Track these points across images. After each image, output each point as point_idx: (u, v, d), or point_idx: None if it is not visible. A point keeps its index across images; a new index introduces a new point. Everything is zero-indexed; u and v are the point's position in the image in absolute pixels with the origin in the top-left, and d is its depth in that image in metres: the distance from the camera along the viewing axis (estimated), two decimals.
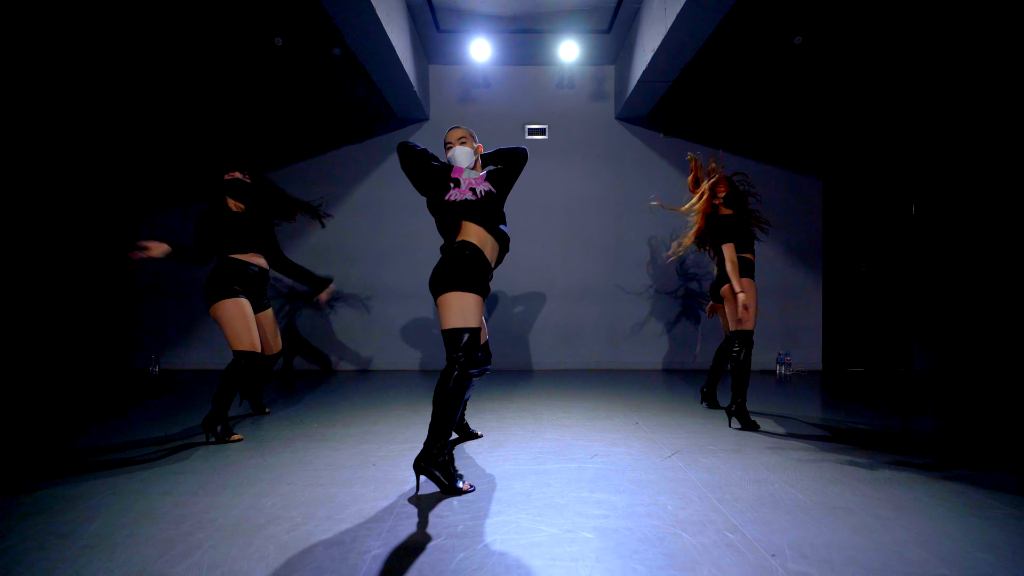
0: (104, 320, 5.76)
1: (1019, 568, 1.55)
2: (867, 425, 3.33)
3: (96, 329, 5.74)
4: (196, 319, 5.74)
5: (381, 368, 5.67)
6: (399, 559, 1.58)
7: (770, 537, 1.75)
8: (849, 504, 2.02)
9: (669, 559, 1.59)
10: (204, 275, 3.14)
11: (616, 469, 2.45)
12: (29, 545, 1.66)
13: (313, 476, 2.33)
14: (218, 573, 1.48)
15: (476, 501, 2.06)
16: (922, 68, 4.92)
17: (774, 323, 5.70)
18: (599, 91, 5.75)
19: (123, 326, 5.77)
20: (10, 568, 1.51)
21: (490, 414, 3.58)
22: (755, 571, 1.53)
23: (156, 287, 5.75)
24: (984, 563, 1.58)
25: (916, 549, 1.67)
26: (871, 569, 1.54)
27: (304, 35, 4.47)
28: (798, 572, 1.53)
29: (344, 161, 5.77)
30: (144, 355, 5.74)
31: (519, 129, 5.76)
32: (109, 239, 5.73)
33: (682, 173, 5.79)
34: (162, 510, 1.93)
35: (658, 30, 4.04)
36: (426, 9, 4.66)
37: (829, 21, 4.25)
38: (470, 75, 5.67)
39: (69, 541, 1.69)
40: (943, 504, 2.03)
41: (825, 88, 5.39)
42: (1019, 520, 1.88)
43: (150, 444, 2.85)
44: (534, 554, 1.61)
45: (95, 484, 2.21)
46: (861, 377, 5.39)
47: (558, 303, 5.72)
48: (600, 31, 5.04)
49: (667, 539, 1.73)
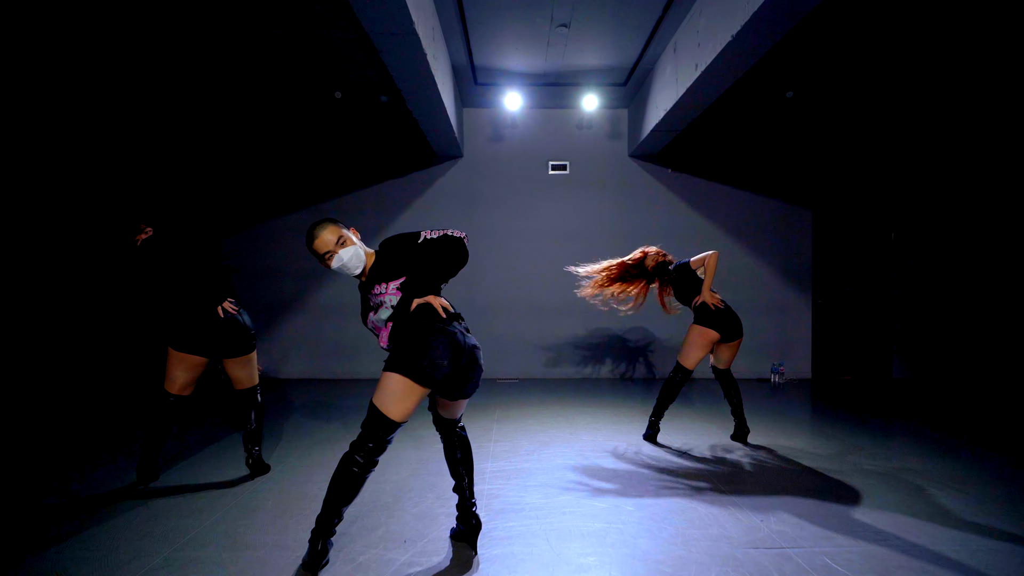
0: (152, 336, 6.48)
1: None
2: (848, 427, 4.08)
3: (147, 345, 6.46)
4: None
5: None
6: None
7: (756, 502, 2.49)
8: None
9: (684, 516, 2.34)
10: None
11: (641, 461, 3.19)
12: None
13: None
14: None
15: (550, 484, 2.80)
16: (898, 116, 5.65)
17: (769, 336, 6.45)
18: (614, 132, 6.48)
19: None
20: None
21: (532, 419, 4.31)
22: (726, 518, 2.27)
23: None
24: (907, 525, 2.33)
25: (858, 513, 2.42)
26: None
27: (359, 87, 5.17)
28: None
29: (386, 194, 6.49)
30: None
31: (543, 165, 6.49)
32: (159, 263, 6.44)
33: (687, 204, 6.53)
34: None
35: (671, 94, 4.77)
36: (468, 67, 5.39)
37: (816, 79, 4.98)
38: (499, 117, 6.41)
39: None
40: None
41: (813, 132, 6.13)
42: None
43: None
44: (596, 519, 2.36)
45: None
46: (846, 385, 6.13)
47: (578, 319, 6.45)
48: (617, 84, 5.78)
49: (686, 509, 2.47)
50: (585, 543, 2.18)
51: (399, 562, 2.04)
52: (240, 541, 2.21)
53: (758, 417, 4.30)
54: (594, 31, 4.62)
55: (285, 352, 6.45)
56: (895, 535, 2.24)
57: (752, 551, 2.11)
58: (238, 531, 2.30)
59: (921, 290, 6.57)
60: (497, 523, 2.37)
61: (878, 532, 2.27)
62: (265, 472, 3.02)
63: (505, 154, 6.46)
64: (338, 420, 4.32)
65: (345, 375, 6.37)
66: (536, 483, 2.87)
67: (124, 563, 2.03)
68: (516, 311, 6.44)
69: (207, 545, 2.17)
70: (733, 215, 6.53)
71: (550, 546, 2.16)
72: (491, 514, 2.46)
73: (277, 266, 6.45)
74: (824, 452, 3.43)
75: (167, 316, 2.79)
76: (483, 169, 6.49)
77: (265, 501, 2.65)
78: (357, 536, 2.25)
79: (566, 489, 2.78)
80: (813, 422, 4.30)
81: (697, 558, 2.05)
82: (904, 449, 3.54)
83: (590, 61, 5.25)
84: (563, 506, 2.55)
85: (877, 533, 2.26)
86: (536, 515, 2.46)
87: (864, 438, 3.79)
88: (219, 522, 2.40)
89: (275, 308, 6.44)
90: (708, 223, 6.51)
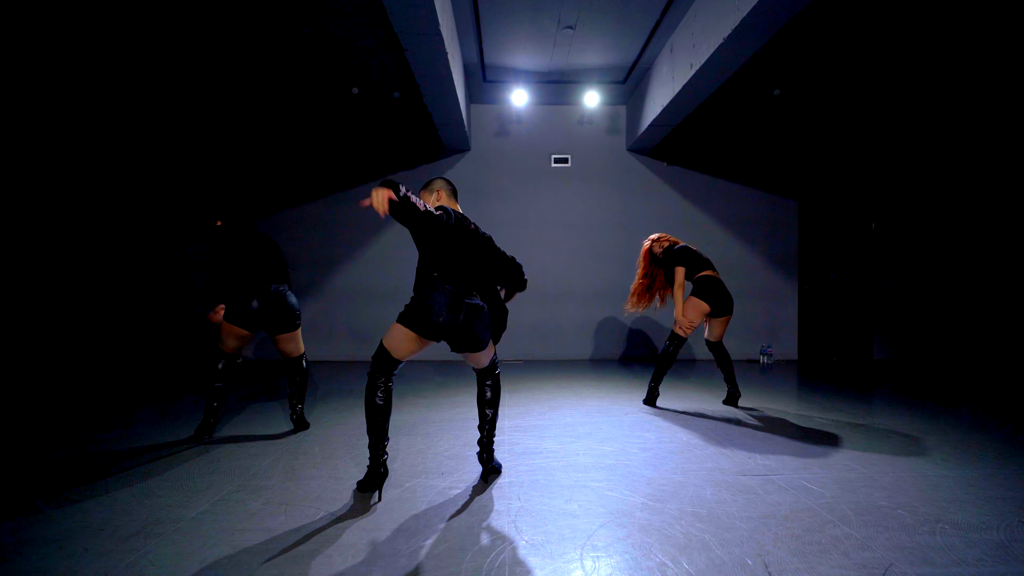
0: (169, 319, 6.77)
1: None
2: (829, 395, 4.47)
3: (163, 327, 6.75)
4: None
5: (425, 359, 6.73)
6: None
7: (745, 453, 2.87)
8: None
9: (680, 456, 2.71)
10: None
11: (640, 421, 3.56)
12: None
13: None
14: None
15: (564, 435, 3.16)
16: (878, 112, 6.06)
17: (758, 320, 6.85)
18: (613, 127, 6.85)
19: (195, 324, 6.76)
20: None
21: (540, 391, 4.67)
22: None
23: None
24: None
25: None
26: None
27: (375, 84, 5.49)
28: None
29: None
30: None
31: (546, 158, 6.85)
32: (172, 249, 6.73)
33: (680, 195, 6.92)
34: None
35: (667, 91, 5.14)
36: (478, 65, 5.73)
37: (801, 78, 5.36)
38: (505, 113, 6.75)
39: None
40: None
41: (799, 128, 6.53)
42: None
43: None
44: (606, 458, 2.72)
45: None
46: (831, 365, 6.54)
47: (577, 304, 6.81)
48: (616, 82, 6.14)
49: (684, 451, 2.84)
50: (598, 473, 2.54)
51: (440, 487, 2.38)
52: (299, 475, 2.55)
53: (749, 390, 4.68)
54: (597, 32, 4.98)
55: (302, 335, 6.75)
56: (863, 467, 2.62)
57: (741, 477, 2.47)
58: (295, 468, 2.64)
59: (900, 276, 6.99)
60: (520, 461, 2.72)
61: (848, 465, 2.65)
62: (305, 428, 3.36)
63: (510, 148, 6.81)
64: (359, 394, 4.65)
65: (359, 357, 6.69)
66: (550, 434, 3.22)
67: (201, 490, 2.36)
68: (519, 296, 6.77)
69: (271, 478, 2.51)
70: (724, 206, 6.92)
71: (568, 475, 2.51)
72: (514, 455, 2.82)
73: (292, 254, 6.73)
74: (807, 413, 3.82)
75: (227, 293, 3.14)
76: (489, 162, 6.84)
77: (312, 447, 2.99)
78: (400, 471, 2.60)
79: (577, 438, 3.14)
80: (798, 393, 4.69)
81: (694, 482, 2.42)
82: (876, 409, 3.93)
83: (592, 60, 5.61)
84: (576, 450, 2.91)
85: (847, 466, 2.64)
86: (554, 456, 2.82)
87: (842, 402, 4.19)
88: (276, 461, 2.74)
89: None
90: (701, 214, 6.90)
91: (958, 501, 2.20)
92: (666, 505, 2.16)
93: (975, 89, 5.28)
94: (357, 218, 6.79)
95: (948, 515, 2.06)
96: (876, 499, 2.22)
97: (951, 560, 1.72)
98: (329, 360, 6.67)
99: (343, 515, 2.08)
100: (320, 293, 6.80)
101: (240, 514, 2.10)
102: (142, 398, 4.37)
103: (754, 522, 2.00)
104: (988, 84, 5.15)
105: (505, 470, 2.59)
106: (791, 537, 1.88)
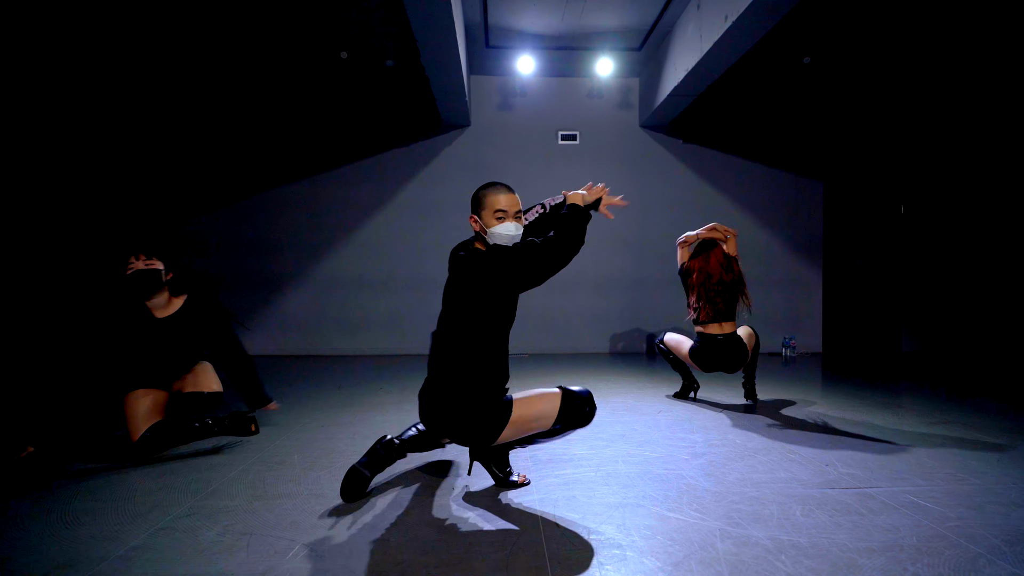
0: None
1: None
2: (862, 397, 3.99)
3: None
4: (251, 307, 6.17)
5: (423, 353, 6.19)
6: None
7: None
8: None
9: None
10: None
11: (679, 420, 3.05)
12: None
13: None
14: None
15: (594, 438, 2.64)
16: (912, 87, 5.58)
17: (780, 310, 6.37)
18: (625, 101, 6.33)
19: None
20: None
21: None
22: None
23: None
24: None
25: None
26: None
27: (368, 48, 4.93)
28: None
29: (389, 164, 6.26)
30: None
31: (553, 135, 6.32)
32: (156, 235, 6.14)
33: (697, 176, 6.42)
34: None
35: (693, 53, 4.62)
36: (480, 26, 5.18)
37: (835, 45, 4.88)
38: (508, 85, 6.21)
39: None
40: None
41: (827, 102, 6.04)
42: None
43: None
44: (653, 465, 2.21)
45: None
46: (857, 358, 6.07)
47: (587, 293, 6.30)
48: (632, 48, 5.62)
49: (744, 456, 2.33)
50: (647, 486, 2.03)
51: (457, 511, 1.86)
52: (270, 492, 2.01)
53: (774, 385, 4.19)
54: None
55: (286, 327, 6.18)
56: (973, 477, 2.12)
57: (829, 491, 1.97)
58: (266, 483, 2.10)
59: (931, 263, 6.54)
60: (547, 472, 2.20)
61: (952, 474, 2.15)
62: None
63: (514, 123, 6.26)
64: (349, 389, 4.11)
65: (348, 351, 6.14)
66: (576, 437, 2.70)
67: (141, 515, 1.81)
68: None
69: (234, 496, 1.97)
70: (744, 187, 6.43)
71: (612, 491, 1.99)
72: (538, 464, 2.29)
73: (277, 239, 6.18)
74: (855, 411, 3.32)
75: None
76: (491, 138, 6.29)
77: (290, 455, 2.45)
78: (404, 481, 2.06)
79: (610, 441, 2.63)
80: (833, 387, 4.20)
81: (774, 499, 1.91)
82: (931, 406, 3.45)
83: (607, 21, 5.08)
84: (613, 457, 2.39)
85: (951, 475, 2.14)
86: (587, 464, 2.30)
87: (884, 397, 3.70)
88: (243, 474, 2.20)
89: (275, 282, 6.18)
90: (719, 195, 6.40)
91: None
92: (750, 532, 1.65)
93: (1015, 67, 4.81)
94: (346, 200, 6.23)
95: None
96: (1018, 521, 1.72)
97: None
98: (315, 355, 6.10)
99: (325, 550, 1.55)
100: (305, 282, 6.22)
101: (187, 549, 1.57)
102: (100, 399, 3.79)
103: (877, 556, 1.49)
104: None
105: (533, 483, 2.06)
106: None
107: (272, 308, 6.19)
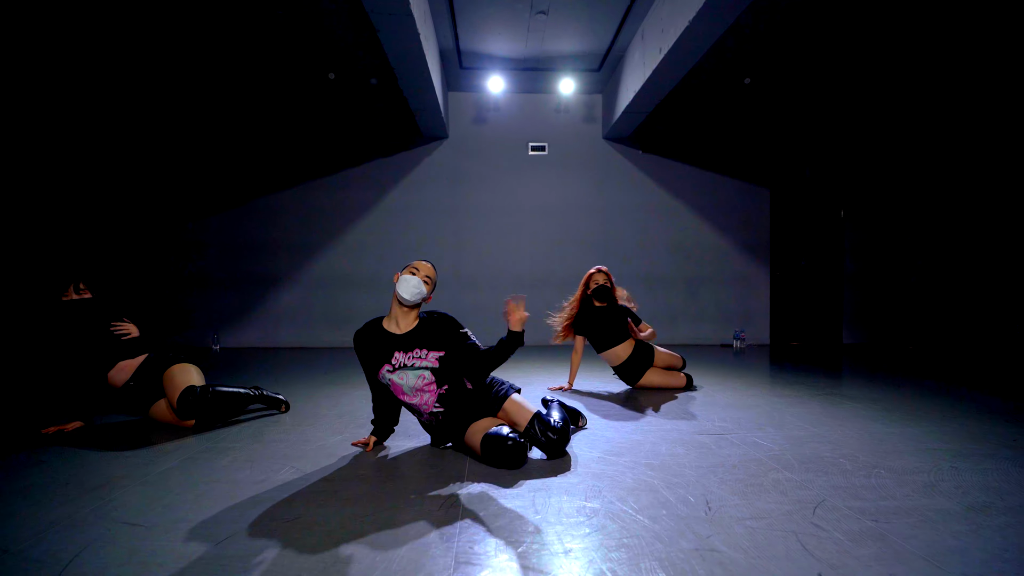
0: (159, 308, 6.73)
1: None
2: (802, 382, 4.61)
3: (154, 316, 6.71)
4: (248, 303, 6.75)
5: None
6: None
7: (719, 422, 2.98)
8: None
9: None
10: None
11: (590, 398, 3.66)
12: None
13: None
14: None
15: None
16: (845, 102, 6.23)
17: (731, 306, 7.00)
18: (589, 115, 6.95)
19: (176, 313, 6.73)
20: None
21: (537, 376, 4.75)
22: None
23: (201, 277, 6.72)
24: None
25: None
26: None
27: (352, 69, 5.52)
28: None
29: (373, 173, 6.85)
30: (202, 336, 6.74)
31: (524, 146, 6.92)
32: (159, 238, 6.69)
33: (656, 183, 7.04)
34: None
35: (639, 76, 5.24)
36: (454, 51, 5.79)
37: (770, 67, 5.51)
38: (482, 101, 6.81)
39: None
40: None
41: (770, 116, 6.69)
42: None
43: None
44: (631, 437, 2.81)
45: None
46: (800, 349, 6.72)
47: (554, 291, 6.89)
48: (591, 69, 6.24)
49: (643, 418, 2.94)
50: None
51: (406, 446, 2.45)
52: (268, 438, 2.60)
53: (722, 374, 4.80)
54: (570, 18, 5.07)
55: (279, 322, 6.76)
56: (813, 427, 2.74)
57: (698, 436, 2.58)
58: (264, 434, 2.69)
59: (868, 262, 7.20)
60: None
61: (800, 425, 2.76)
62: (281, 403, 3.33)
63: (488, 135, 6.87)
64: (334, 374, 4.69)
65: (336, 344, 6.72)
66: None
67: (171, 451, 2.39)
68: (498, 282, 6.86)
69: (239, 440, 2.55)
70: (698, 193, 7.06)
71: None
72: None
73: (271, 240, 6.76)
74: (775, 388, 3.94)
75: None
76: (467, 149, 6.89)
77: (284, 417, 3.03)
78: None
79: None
80: (770, 373, 4.83)
81: (651, 440, 2.51)
82: (839, 383, 4.07)
83: (566, 47, 5.69)
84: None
85: (799, 426, 2.75)
86: None
87: (809, 379, 4.32)
88: (246, 427, 2.78)
89: (268, 280, 6.75)
90: (676, 201, 7.03)
91: (897, 452, 2.33)
92: (621, 458, 2.25)
93: (941, 77, 5.47)
94: (334, 205, 6.81)
95: (886, 463, 2.18)
96: (821, 451, 2.34)
97: (880, 496, 1.83)
98: (306, 347, 6.68)
99: (308, 470, 2.14)
100: (297, 280, 6.81)
101: (208, 468, 2.15)
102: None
103: (702, 470, 2.10)
104: (955, 72, 5.34)
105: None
106: (735, 481, 1.98)
107: (266, 304, 6.76)
